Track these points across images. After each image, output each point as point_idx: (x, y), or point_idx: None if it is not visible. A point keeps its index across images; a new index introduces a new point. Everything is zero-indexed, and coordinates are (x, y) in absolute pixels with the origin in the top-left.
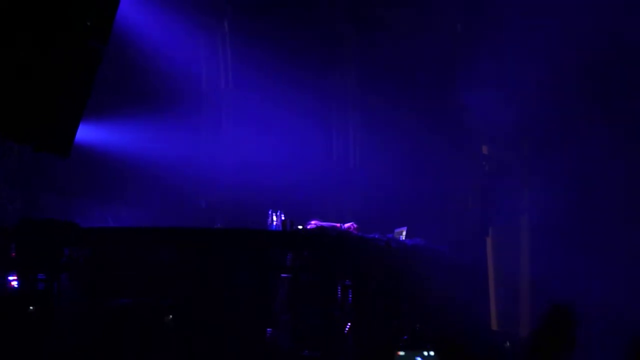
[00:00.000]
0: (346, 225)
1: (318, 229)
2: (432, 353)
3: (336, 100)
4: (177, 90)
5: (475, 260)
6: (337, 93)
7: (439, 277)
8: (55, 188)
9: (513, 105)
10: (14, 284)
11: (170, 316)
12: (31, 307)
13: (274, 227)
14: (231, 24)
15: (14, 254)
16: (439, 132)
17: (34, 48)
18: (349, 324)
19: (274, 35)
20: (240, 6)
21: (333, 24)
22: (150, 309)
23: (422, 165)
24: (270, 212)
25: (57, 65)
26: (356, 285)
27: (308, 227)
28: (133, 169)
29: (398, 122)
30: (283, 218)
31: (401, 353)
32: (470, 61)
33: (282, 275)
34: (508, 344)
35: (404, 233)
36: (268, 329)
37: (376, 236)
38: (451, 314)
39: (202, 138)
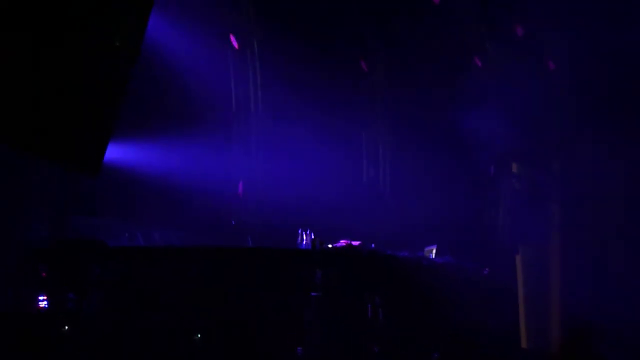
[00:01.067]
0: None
1: (346, 247)
2: None
3: (366, 121)
4: (207, 110)
5: (505, 278)
6: (367, 114)
7: (469, 294)
8: (84, 208)
9: (533, 125)
10: (44, 304)
11: (199, 335)
12: (61, 327)
13: (303, 245)
14: (260, 44)
15: (44, 274)
16: (468, 152)
17: (63, 68)
18: (379, 342)
19: (305, 56)
20: (270, 27)
21: (363, 45)
22: (179, 328)
23: (452, 184)
24: (300, 231)
25: (86, 85)
26: (386, 303)
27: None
28: (162, 188)
29: (427, 142)
30: (312, 237)
31: None
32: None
33: (312, 293)
34: None
35: (434, 251)
36: (298, 348)
37: (406, 254)
38: (481, 332)
39: (231, 157)
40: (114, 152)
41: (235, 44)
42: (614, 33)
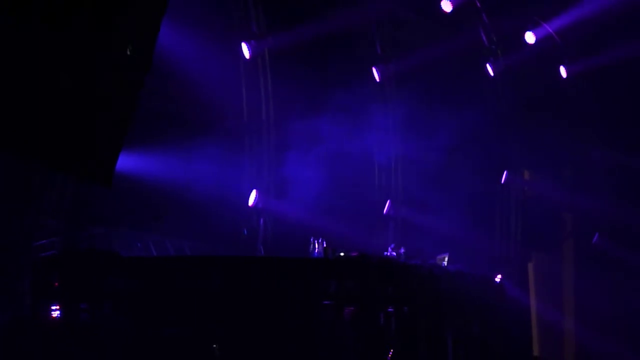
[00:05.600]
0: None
1: (359, 255)
2: None
3: (378, 130)
4: (219, 120)
5: (517, 286)
6: (379, 123)
7: (481, 302)
8: (97, 218)
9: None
10: (57, 313)
11: (215, 345)
12: (74, 336)
13: (315, 254)
14: (271, 53)
15: (57, 284)
16: (477, 160)
17: (76, 79)
18: (392, 350)
19: (316, 65)
20: (281, 36)
21: (374, 52)
22: (192, 337)
23: (465, 192)
24: (312, 240)
25: (98, 96)
26: (399, 311)
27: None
28: (174, 198)
29: (437, 152)
30: (325, 245)
31: None
32: None
33: (325, 302)
34: None
35: (446, 259)
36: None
37: (418, 262)
38: (493, 339)
39: (244, 167)
40: (126, 162)
41: (247, 54)
42: None
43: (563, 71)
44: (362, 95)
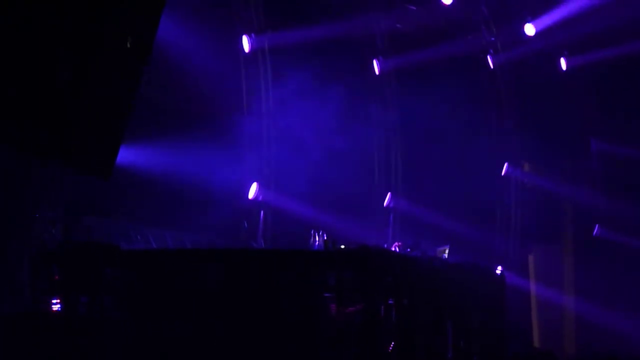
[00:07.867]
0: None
1: (359, 248)
2: None
3: (377, 122)
4: (219, 113)
5: (517, 277)
6: (379, 117)
7: (482, 294)
8: (97, 210)
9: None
10: (57, 307)
11: (215, 334)
12: (73, 330)
13: (316, 247)
14: (272, 44)
15: (57, 277)
16: (477, 152)
17: (74, 70)
18: (393, 342)
19: (315, 58)
20: (280, 26)
21: (374, 43)
22: (192, 330)
23: (465, 185)
24: (312, 232)
25: (97, 88)
26: (399, 303)
27: None
28: (174, 191)
29: (437, 145)
30: (325, 238)
31: None
32: None
33: (325, 294)
34: None
35: (447, 251)
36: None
37: (418, 255)
38: (493, 330)
39: (243, 160)
40: (126, 154)
41: (246, 47)
42: None
43: (563, 63)
44: (361, 89)
